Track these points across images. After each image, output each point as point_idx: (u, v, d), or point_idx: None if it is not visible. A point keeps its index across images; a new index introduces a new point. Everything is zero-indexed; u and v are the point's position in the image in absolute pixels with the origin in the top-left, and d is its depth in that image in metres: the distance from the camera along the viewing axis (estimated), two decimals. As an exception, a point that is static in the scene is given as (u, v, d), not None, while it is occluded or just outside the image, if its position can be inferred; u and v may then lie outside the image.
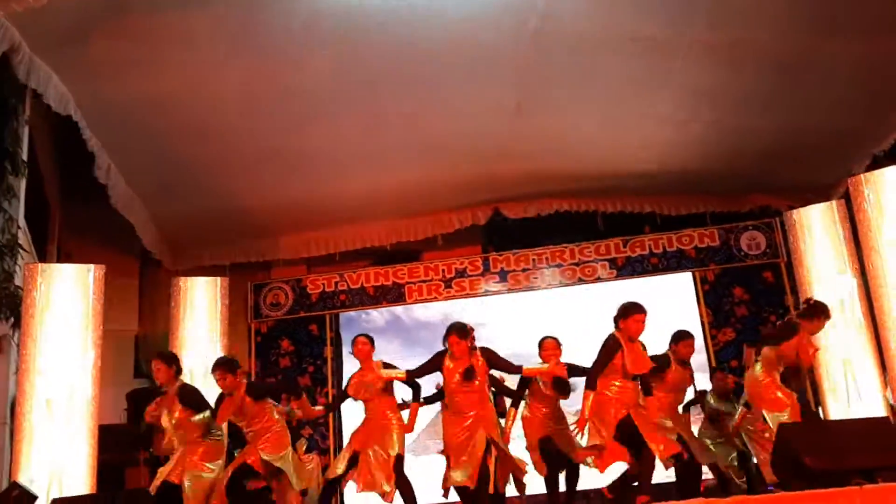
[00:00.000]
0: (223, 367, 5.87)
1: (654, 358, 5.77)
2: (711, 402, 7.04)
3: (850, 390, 7.15)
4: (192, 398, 5.78)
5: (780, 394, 5.65)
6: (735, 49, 6.68)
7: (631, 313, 5.45)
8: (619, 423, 5.33)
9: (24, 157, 6.49)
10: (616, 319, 5.51)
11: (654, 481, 5.48)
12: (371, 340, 6.34)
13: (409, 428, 6.15)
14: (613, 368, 5.41)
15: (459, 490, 5.75)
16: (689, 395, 6.70)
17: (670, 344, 6.35)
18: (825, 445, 4.84)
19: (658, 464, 5.40)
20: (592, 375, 5.40)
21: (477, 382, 5.68)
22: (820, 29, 6.43)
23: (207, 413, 5.71)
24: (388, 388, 6.16)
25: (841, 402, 7.21)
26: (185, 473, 5.65)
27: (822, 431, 5.38)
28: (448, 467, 5.78)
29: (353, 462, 6.01)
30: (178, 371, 5.96)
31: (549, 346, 6.29)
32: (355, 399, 6.22)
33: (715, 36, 6.44)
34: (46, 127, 7.50)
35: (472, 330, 5.78)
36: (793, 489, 4.78)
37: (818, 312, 5.80)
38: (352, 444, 6.10)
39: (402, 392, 6.26)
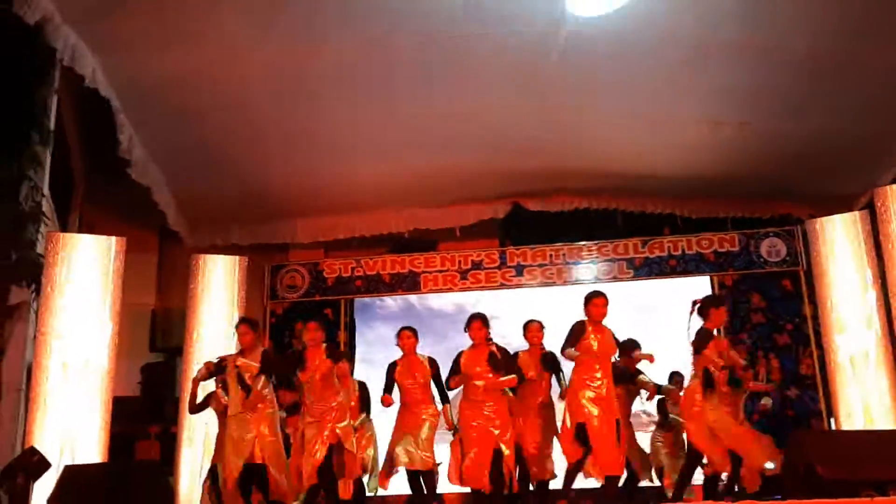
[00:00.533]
0: (248, 323, 6.04)
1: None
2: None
3: (865, 416, 7.08)
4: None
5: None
6: (766, 52, 6.63)
7: (591, 298, 6.01)
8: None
9: (52, 126, 6.53)
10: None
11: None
12: (415, 333, 6.55)
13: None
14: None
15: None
16: None
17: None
18: (838, 455, 4.83)
19: None
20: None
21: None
22: (852, 34, 6.37)
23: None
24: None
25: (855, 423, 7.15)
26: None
27: (836, 441, 5.36)
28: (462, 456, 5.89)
29: None
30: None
31: (532, 329, 6.52)
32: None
33: (747, 38, 6.40)
34: (74, 98, 7.54)
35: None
36: (803, 498, 4.77)
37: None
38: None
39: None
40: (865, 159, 8.22)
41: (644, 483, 6.76)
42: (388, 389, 6.33)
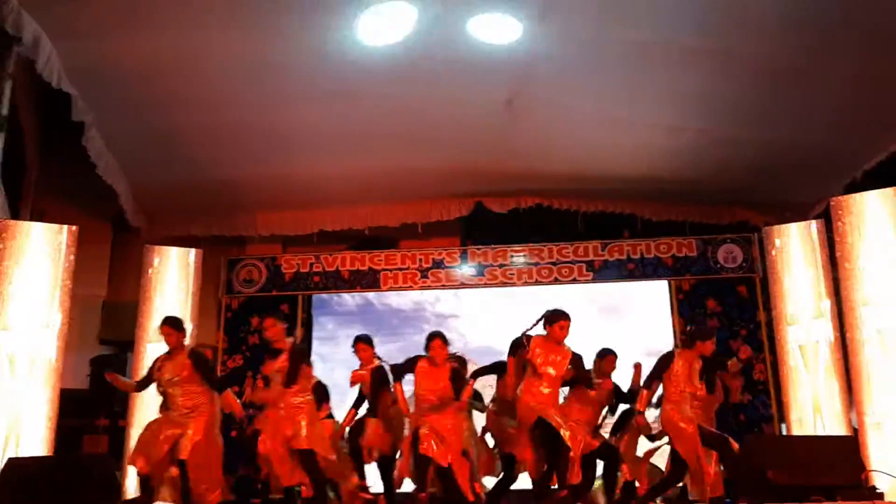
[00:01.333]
0: (169, 324, 5.98)
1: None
2: None
3: (816, 420, 7.19)
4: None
5: None
6: (725, 60, 6.67)
7: (556, 319, 5.98)
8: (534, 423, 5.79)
9: (5, 112, 6.36)
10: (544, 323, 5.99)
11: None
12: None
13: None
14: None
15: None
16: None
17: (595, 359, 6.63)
18: (789, 460, 4.88)
19: None
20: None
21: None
22: (813, 45, 6.44)
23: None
24: None
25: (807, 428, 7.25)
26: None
27: (787, 446, 5.42)
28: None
29: None
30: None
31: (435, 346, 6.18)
32: None
33: (707, 45, 6.43)
34: (30, 83, 7.35)
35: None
36: (753, 502, 4.82)
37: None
38: None
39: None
40: (821, 169, 8.34)
41: None
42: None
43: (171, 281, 8.25)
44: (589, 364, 6.43)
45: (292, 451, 5.73)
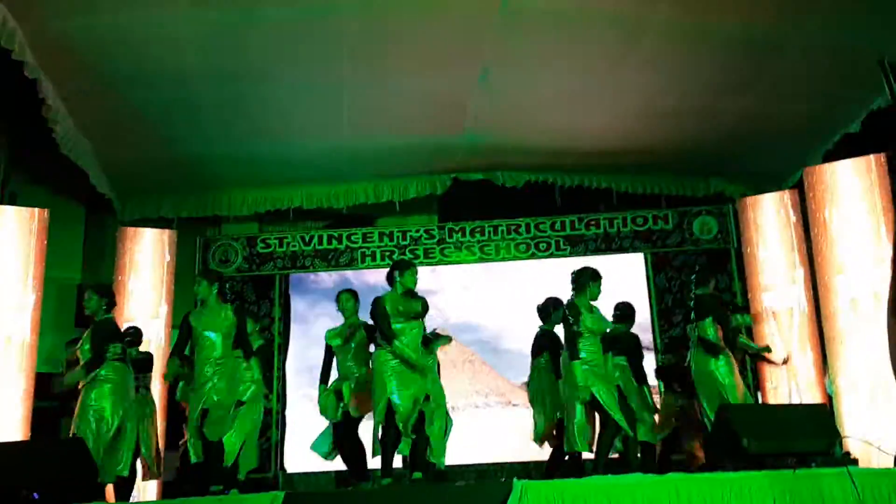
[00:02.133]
0: (89, 289, 6.14)
1: None
2: None
3: (791, 388, 7.28)
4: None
5: None
6: (702, 30, 6.66)
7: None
8: None
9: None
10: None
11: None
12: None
13: None
14: None
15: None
16: None
17: None
18: (763, 428, 4.94)
19: None
20: None
21: None
22: (788, 15, 6.44)
23: None
24: None
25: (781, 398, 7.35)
26: None
27: (761, 414, 5.48)
28: None
29: None
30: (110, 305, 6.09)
31: None
32: None
33: (683, 14, 6.41)
34: (-4, 64, 7.22)
35: None
36: (728, 469, 4.87)
37: None
38: None
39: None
40: (797, 139, 8.36)
41: None
42: None
43: (146, 263, 8.21)
44: None
45: None
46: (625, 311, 7.21)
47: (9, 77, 7.24)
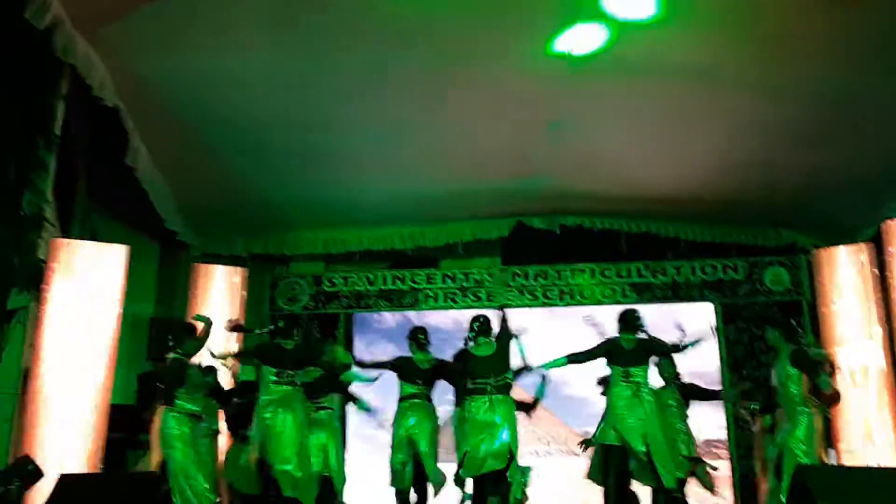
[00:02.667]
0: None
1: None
2: None
3: (866, 449, 7.04)
4: None
5: None
6: (779, 87, 6.59)
7: None
8: None
9: (58, 132, 6.50)
10: None
11: None
12: None
13: None
14: None
15: None
16: None
17: None
18: (841, 491, 4.77)
19: None
20: None
21: None
22: (863, 70, 6.34)
23: None
24: None
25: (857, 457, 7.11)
26: None
27: (840, 476, 5.30)
28: None
29: None
30: None
31: None
32: None
33: (762, 69, 6.36)
34: (81, 103, 7.50)
35: None
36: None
37: None
38: None
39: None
40: (871, 192, 8.17)
41: None
42: None
43: (218, 299, 8.36)
44: None
45: None
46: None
47: (90, 115, 7.55)
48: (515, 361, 6.62)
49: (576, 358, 6.60)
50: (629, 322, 6.50)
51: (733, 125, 7.27)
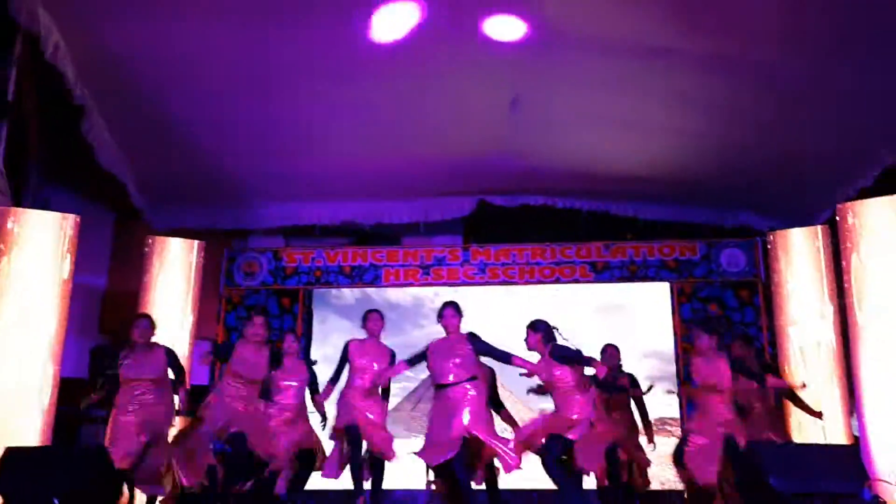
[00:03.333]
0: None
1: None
2: None
3: (816, 426, 7.18)
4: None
5: None
6: (735, 66, 6.63)
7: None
8: None
9: (10, 99, 6.32)
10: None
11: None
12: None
13: None
14: None
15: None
16: None
17: None
18: (791, 467, 4.86)
19: None
20: None
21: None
22: (825, 55, 6.39)
23: None
24: None
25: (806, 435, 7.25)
26: None
27: (789, 453, 5.39)
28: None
29: None
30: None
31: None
32: None
33: (719, 50, 6.39)
34: (34, 71, 7.31)
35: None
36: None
37: None
38: None
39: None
40: (828, 176, 8.28)
41: None
42: None
43: (173, 272, 8.23)
44: None
45: None
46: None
47: (45, 86, 7.36)
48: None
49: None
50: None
51: (691, 107, 7.32)
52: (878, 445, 6.16)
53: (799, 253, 7.81)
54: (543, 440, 5.91)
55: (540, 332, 6.14)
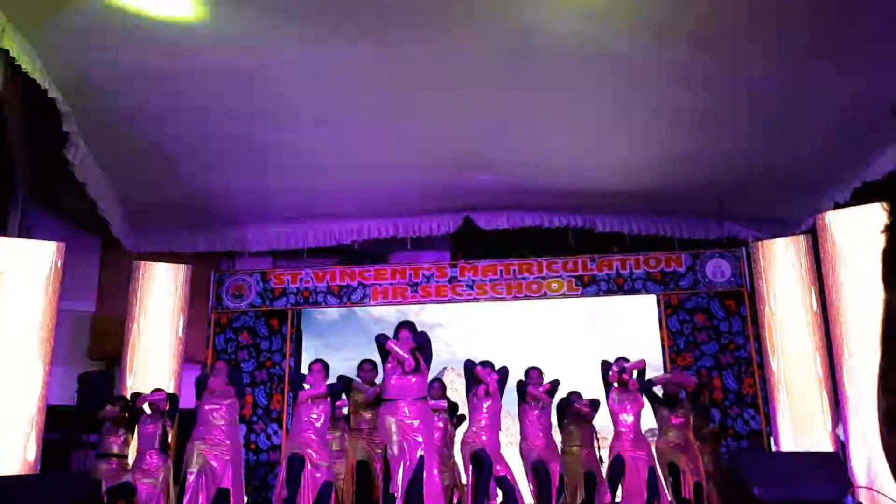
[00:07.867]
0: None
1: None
2: None
3: (802, 435, 7.21)
4: None
5: None
6: (715, 80, 6.70)
7: None
8: None
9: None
10: None
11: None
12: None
13: None
14: None
15: None
16: None
17: None
18: (774, 476, 4.89)
19: None
20: None
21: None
22: (806, 67, 6.47)
23: None
24: None
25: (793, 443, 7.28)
26: None
27: (773, 462, 5.42)
28: None
29: None
30: None
31: None
32: None
33: (698, 62, 6.46)
34: (19, 98, 7.34)
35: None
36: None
37: None
38: None
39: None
40: (809, 186, 8.37)
41: None
42: None
43: (161, 297, 8.24)
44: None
45: None
46: None
47: (29, 112, 7.39)
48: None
49: None
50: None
51: (673, 118, 7.37)
52: (861, 452, 6.19)
53: (782, 262, 7.88)
54: None
55: None
